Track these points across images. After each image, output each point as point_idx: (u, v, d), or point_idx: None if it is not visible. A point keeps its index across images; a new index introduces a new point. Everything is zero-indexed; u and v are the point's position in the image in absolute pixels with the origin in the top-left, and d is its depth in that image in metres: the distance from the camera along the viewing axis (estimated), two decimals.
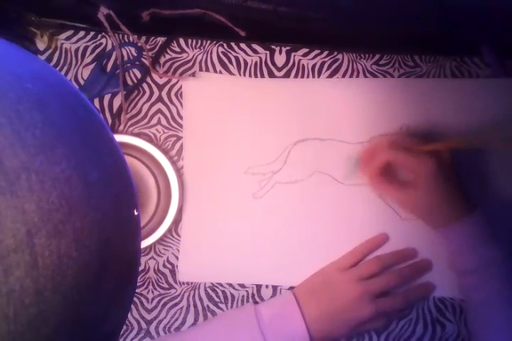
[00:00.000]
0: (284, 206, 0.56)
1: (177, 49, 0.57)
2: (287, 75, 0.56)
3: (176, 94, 0.57)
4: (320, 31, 0.54)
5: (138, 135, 0.57)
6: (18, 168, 0.16)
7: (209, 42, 0.57)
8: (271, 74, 0.57)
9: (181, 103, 0.57)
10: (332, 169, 0.56)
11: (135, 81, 0.57)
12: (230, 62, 0.57)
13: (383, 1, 0.49)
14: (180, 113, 0.57)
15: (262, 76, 0.57)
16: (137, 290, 0.56)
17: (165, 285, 0.57)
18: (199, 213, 0.56)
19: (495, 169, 0.54)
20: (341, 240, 0.55)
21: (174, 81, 0.57)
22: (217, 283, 0.57)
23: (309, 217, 0.56)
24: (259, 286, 0.56)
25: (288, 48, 0.56)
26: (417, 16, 0.50)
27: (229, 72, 0.57)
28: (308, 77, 0.56)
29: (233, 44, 0.57)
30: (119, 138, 0.55)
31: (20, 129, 0.16)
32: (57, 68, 0.57)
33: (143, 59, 0.57)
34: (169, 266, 0.57)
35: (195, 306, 0.57)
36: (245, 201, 0.56)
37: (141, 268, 0.57)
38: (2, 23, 0.54)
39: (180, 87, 0.57)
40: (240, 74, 0.57)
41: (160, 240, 0.56)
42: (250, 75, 0.57)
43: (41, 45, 0.57)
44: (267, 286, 0.56)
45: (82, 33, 0.57)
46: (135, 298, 0.57)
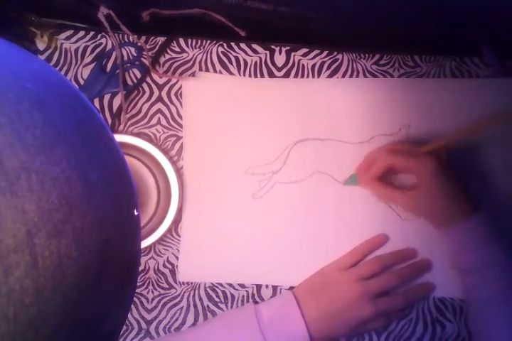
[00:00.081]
0: (284, 206, 0.56)
1: (177, 49, 0.57)
2: (287, 75, 0.56)
3: (176, 94, 0.57)
4: (320, 31, 0.54)
5: (138, 135, 0.57)
6: (18, 168, 0.16)
7: (209, 42, 0.57)
8: (271, 74, 0.57)
9: (181, 103, 0.57)
10: (332, 169, 0.56)
11: (135, 81, 0.57)
12: (230, 62, 0.57)
13: (383, 1, 0.49)
14: (180, 113, 0.57)
15: (262, 76, 0.57)
16: (137, 290, 0.56)
17: (165, 285, 0.57)
18: (199, 213, 0.56)
19: (495, 169, 0.54)
20: (341, 240, 0.55)
21: (174, 81, 0.57)
22: (217, 283, 0.57)
23: (309, 217, 0.56)
24: (259, 286, 0.56)
25: (288, 48, 0.56)
26: (417, 16, 0.50)
27: (229, 72, 0.57)
28: (308, 77, 0.56)
29: (233, 44, 0.57)
30: (119, 138, 0.55)
31: (20, 129, 0.16)
32: (57, 68, 0.57)
33: (143, 59, 0.57)
34: (169, 266, 0.57)
35: (195, 306, 0.57)
36: (245, 201, 0.56)
37: (141, 268, 0.57)
38: (2, 23, 0.54)
39: (180, 87, 0.57)
40: (240, 74, 0.57)
41: (160, 240, 0.56)
42: (250, 75, 0.57)
43: (41, 45, 0.57)
44: (267, 286, 0.56)
45: (82, 33, 0.57)
46: (135, 298, 0.57)
